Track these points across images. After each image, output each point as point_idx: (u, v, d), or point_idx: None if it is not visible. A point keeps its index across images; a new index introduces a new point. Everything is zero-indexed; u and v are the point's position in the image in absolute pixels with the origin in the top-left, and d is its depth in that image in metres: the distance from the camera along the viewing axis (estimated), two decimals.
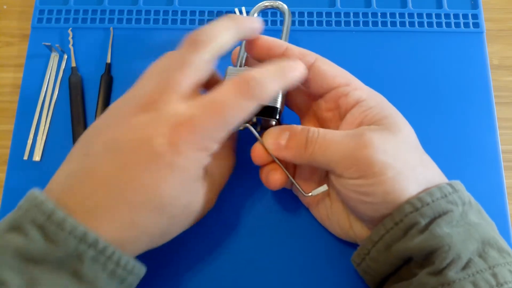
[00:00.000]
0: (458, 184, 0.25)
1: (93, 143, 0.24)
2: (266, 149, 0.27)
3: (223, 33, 0.25)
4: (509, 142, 0.37)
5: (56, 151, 0.35)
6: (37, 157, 0.35)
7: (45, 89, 0.37)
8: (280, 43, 0.28)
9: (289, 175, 0.28)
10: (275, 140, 0.27)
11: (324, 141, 0.26)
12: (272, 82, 0.25)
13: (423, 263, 0.24)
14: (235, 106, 0.23)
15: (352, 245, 0.31)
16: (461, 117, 0.36)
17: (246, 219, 0.33)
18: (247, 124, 0.28)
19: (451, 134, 0.35)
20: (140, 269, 0.24)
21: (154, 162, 0.22)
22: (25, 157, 0.35)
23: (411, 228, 0.24)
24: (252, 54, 0.28)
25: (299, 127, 0.27)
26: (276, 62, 0.26)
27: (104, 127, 0.24)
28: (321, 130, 0.26)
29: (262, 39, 0.28)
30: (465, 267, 0.23)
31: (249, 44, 0.28)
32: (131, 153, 0.22)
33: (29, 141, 0.35)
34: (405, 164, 0.25)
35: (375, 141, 0.25)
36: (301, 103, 0.31)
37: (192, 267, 0.32)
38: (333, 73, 0.28)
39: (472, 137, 0.35)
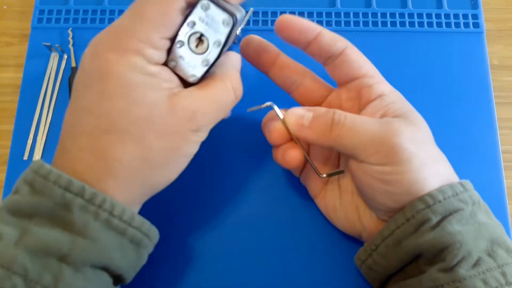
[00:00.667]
0: (468, 183, 0.25)
1: None
2: (286, 128, 0.27)
3: None
4: (509, 142, 0.37)
5: None
6: (37, 157, 0.35)
7: (45, 89, 0.37)
8: (313, 27, 0.27)
9: (306, 154, 0.28)
10: (298, 120, 0.27)
11: (353, 124, 0.25)
12: None
13: (433, 260, 0.24)
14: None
15: (355, 243, 0.31)
16: (461, 117, 0.36)
17: (249, 214, 0.33)
18: (270, 103, 0.27)
19: (451, 134, 0.35)
20: (143, 224, 0.23)
21: (87, 83, 0.22)
22: (25, 157, 0.35)
23: (422, 225, 0.24)
24: (283, 35, 0.28)
25: (323, 108, 0.27)
26: None
27: None
28: (348, 113, 0.26)
29: (296, 20, 0.27)
30: (475, 265, 0.23)
31: (281, 24, 0.27)
32: (77, 87, 0.23)
33: (29, 141, 0.35)
34: (429, 157, 0.25)
35: (403, 130, 0.25)
36: (315, 96, 0.31)
37: (192, 264, 0.32)
38: (360, 63, 0.28)
39: (472, 137, 0.35)
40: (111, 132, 0.22)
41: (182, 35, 0.24)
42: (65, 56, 0.38)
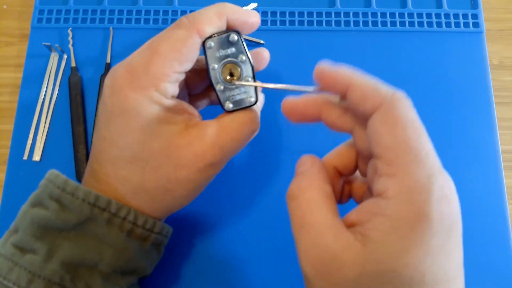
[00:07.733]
0: None
1: None
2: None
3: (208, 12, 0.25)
4: (509, 142, 0.37)
5: (56, 151, 0.35)
6: (36, 157, 0.35)
7: (45, 89, 0.37)
8: (344, 78, 0.20)
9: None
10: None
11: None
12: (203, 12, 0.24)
13: None
14: (166, 36, 0.24)
15: None
16: (461, 117, 0.36)
17: (253, 215, 0.33)
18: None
19: (451, 134, 0.35)
20: (164, 228, 0.25)
21: (109, 116, 0.24)
22: (25, 157, 0.35)
23: None
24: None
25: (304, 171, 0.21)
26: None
27: None
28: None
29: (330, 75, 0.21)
30: None
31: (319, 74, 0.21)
32: (100, 118, 0.25)
33: (29, 141, 0.35)
34: None
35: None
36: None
37: (197, 264, 0.32)
38: (382, 136, 0.19)
39: (472, 137, 0.35)
40: (133, 163, 0.23)
41: (216, 81, 0.25)
42: (65, 56, 0.38)
